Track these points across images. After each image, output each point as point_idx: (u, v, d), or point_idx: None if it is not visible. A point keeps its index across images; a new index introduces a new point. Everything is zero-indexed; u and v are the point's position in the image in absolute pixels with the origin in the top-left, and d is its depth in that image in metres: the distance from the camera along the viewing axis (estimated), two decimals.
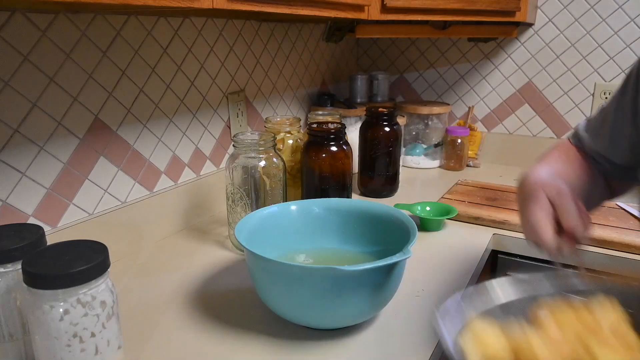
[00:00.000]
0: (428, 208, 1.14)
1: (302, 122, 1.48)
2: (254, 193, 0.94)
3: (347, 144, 1.08)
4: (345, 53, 1.72)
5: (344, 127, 1.09)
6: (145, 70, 0.96)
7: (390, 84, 1.77)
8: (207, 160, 1.16)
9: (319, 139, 1.06)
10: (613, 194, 0.79)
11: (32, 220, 0.80)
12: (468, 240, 1.03)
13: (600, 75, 1.46)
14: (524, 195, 0.65)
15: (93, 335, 0.53)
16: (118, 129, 0.93)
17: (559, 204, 0.61)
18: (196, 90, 1.09)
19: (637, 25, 1.38)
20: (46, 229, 0.82)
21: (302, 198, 1.11)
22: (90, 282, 0.52)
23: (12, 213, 0.78)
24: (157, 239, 1.02)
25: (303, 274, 0.64)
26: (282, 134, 1.11)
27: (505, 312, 0.56)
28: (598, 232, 1.02)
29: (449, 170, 1.56)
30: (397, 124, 1.26)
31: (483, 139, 1.65)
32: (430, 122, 1.57)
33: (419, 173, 1.53)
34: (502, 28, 1.41)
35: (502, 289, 0.59)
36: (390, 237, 0.79)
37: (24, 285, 0.51)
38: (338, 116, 1.24)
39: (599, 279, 0.61)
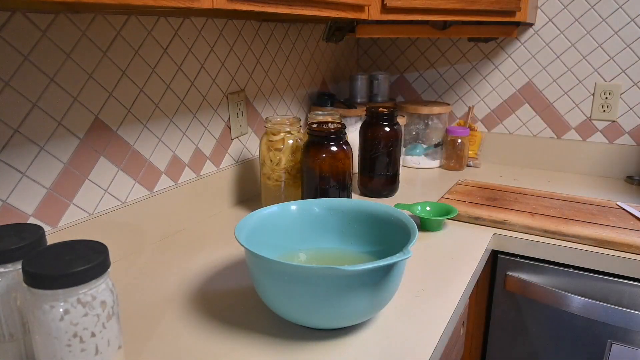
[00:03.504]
0: (428, 208, 1.14)
1: (302, 122, 1.48)
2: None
3: (347, 144, 1.08)
4: (345, 53, 1.72)
5: (344, 127, 1.09)
6: (145, 70, 0.96)
7: (390, 84, 1.77)
8: (207, 161, 1.16)
9: (319, 139, 1.06)
10: None
11: (32, 220, 0.80)
12: (468, 240, 1.03)
13: (600, 75, 1.46)
14: None
15: (93, 335, 0.53)
16: (118, 129, 0.93)
17: None
18: (196, 90, 1.09)
19: (637, 25, 1.38)
20: (46, 229, 0.82)
21: (302, 198, 1.11)
22: (90, 282, 0.52)
23: (12, 213, 0.78)
24: (157, 239, 1.02)
25: (303, 274, 0.64)
26: (282, 134, 1.11)
27: None
28: (598, 232, 1.02)
29: (449, 170, 1.56)
30: (397, 124, 1.26)
31: (483, 139, 1.65)
32: (430, 122, 1.57)
33: (419, 173, 1.53)
34: (502, 28, 1.41)
35: None
36: (390, 237, 0.80)
37: (24, 285, 0.51)
38: (338, 116, 1.24)
39: None
